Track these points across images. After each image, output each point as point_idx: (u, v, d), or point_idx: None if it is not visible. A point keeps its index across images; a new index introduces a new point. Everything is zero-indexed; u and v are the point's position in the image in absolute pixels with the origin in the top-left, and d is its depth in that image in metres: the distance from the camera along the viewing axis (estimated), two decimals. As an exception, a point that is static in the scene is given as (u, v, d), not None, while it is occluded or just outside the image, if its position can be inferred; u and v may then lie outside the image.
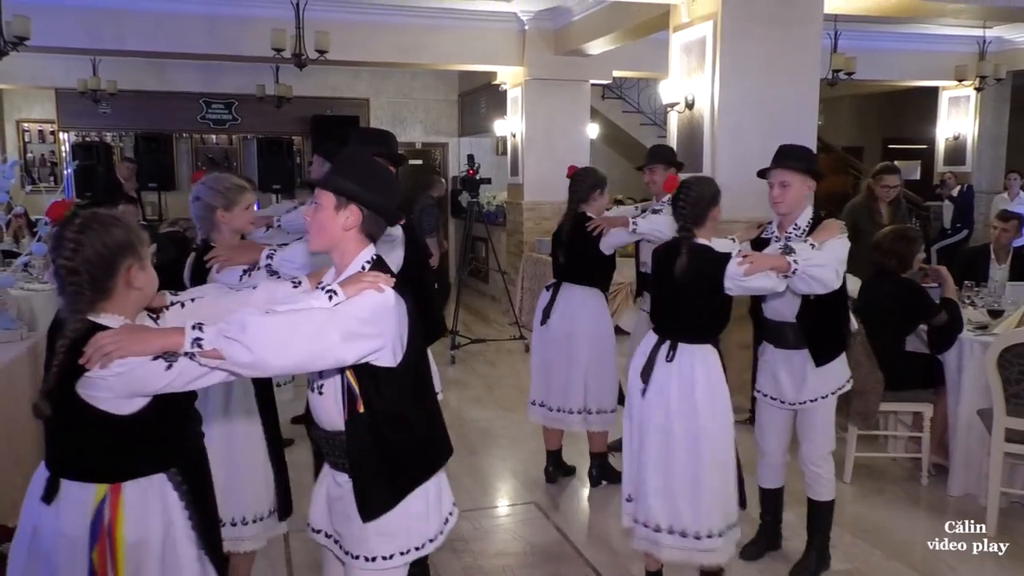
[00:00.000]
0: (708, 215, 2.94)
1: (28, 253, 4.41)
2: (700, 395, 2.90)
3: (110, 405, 1.77)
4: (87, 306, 1.81)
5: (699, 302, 2.92)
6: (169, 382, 1.75)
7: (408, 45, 8.52)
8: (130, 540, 1.83)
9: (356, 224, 1.94)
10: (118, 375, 1.71)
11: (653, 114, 11.52)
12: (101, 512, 1.82)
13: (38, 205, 9.22)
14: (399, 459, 2.00)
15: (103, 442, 1.82)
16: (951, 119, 10.93)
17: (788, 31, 5.55)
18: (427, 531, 2.06)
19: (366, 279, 1.89)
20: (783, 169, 3.19)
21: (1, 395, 3.54)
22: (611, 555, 3.64)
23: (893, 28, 9.31)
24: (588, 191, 4.17)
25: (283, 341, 1.73)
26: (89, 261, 1.79)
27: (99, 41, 7.85)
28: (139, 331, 1.77)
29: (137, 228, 1.90)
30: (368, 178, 1.95)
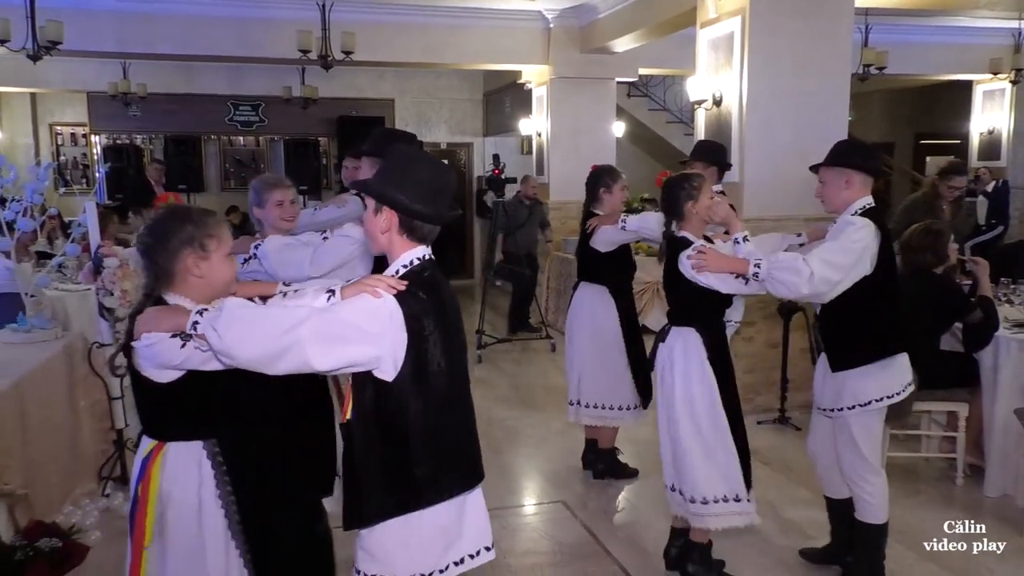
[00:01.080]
0: (685, 209, 3.09)
1: (62, 254, 4.49)
2: (677, 375, 3.13)
3: (150, 373, 1.99)
4: (153, 283, 2.07)
5: (675, 287, 3.15)
6: (184, 359, 1.93)
7: (433, 45, 8.55)
8: (162, 490, 2.04)
9: (392, 226, 1.93)
10: (147, 346, 1.94)
11: (679, 112, 11.44)
12: (147, 458, 2.08)
13: (71, 207, 9.41)
14: (381, 477, 1.88)
15: (149, 404, 2.08)
16: (985, 113, 10.72)
17: (818, 25, 5.48)
18: (418, 564, 1.92)
19: (368, 282, 1.87)
20: (822, 166, 3.17)
21: (37, 393, 3.60)
22: (641, 554, 3.62)
23: (926, 21, 9.16)
24: (594, 190, 4.25)
25: (249, 333, 1.79)
26: (154, 248, 2.06)
27: (129, 45, 7.97)
28: (168, 311, 1.98)
29: (209, 225, 2.08)
30: (402, 180, 1.93)
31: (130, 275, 4.01)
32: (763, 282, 2.96)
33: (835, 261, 2.91)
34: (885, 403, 3.09)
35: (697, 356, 3.10)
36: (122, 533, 3.61)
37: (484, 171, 11.55)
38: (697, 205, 3.08)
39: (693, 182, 3.11)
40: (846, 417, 3.12)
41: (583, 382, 4.34)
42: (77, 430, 4.05)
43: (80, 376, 4.13)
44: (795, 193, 5.45)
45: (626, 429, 4.59)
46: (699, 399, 3.10)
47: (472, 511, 2.00)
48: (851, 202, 3.08)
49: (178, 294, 2.05)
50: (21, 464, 3.35)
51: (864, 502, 3.17)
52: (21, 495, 3.32)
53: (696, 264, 2.97)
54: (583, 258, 4.36)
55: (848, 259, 2.92)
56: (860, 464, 3.14)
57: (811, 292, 2.92)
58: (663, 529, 3.68)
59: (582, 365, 4.34)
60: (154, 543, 2.04)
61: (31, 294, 4.15)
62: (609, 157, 8.57)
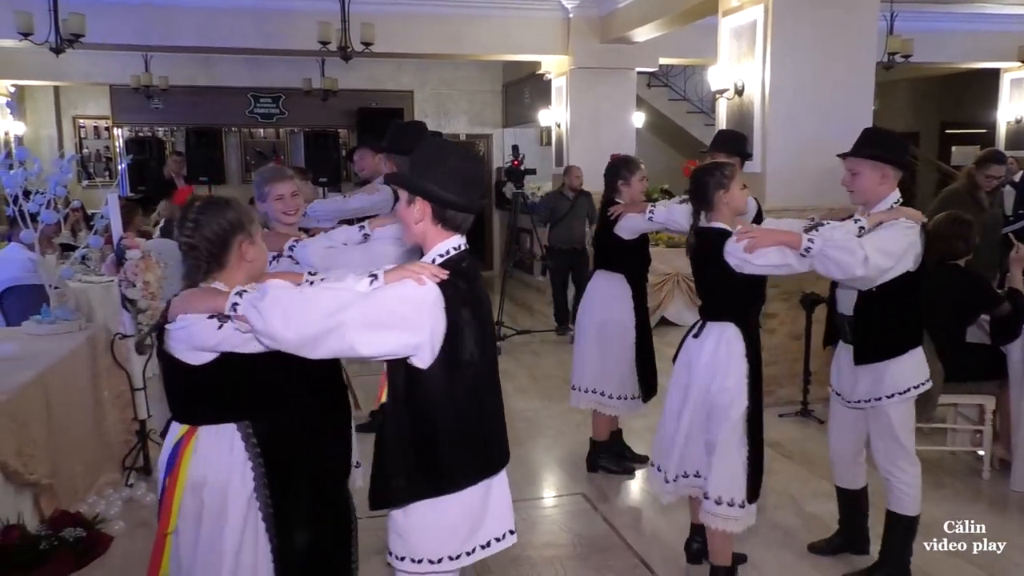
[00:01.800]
0: (716, 199, 2.97)
1: (85, 246, 4.52)
2: (711, 369, 3.00)
3: (183, 355, 2.00)
4: (202, 276, 2.07)
5: (713, 282, 3.03)
6: (220, 340, 1.94)
7: (452, 36, 8.52)
8: (194, 476, 2.04)
9: (425, 216, 1.93)
10: (182, 328, 1.96)
11: (700, 102, 11.34)
12: (178, 444, 2.06)
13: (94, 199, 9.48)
14: (412, 460, 1.91)
15: (182, 387, 2.08)
16: (1013, 102, 10.53)
17: (842, 13, 5.40)
18: (446, 546, 1.94)
19: (412, 268, 1.87)
20: (853, 156, 3.07)
21: (61, 384, 3.64)
22: (661, 547, 3.60)
23: (952, 8, 9.00)
24: (612, 181, 4.21)
25: (293, 315, 1.78)
26: (207, 238, 2.06)
27: (151, 37, 8.03)
28: (204, 293, 1.98)
29: (247, 209, 2.14)
30: (434, 170, 1.93)
31: (152, 267, 4.04)
32: (814, 259, 2.82)
33: (888, 249, 2.86)
34: (921, 390, 3.09)
35: (736, 352, 2.98)
36: (145, 523, 3.68)
37: (503, 162, 11.53)
38: (728, 195, 2.97)
39: (724, 171, 3.00)
40: (885, 406, 3.07)
41: (586, 367, 4.31)
42: (100, 420, 4.09)
43: (103, 367, 4.17)
44: (818, 183, 5.38)
45: (645, 420, 4.57)
46: (731, 398, 2.96)
47: (497, 494, 2.04)
48: (884, 197, 3.02)
49: (221, 282, 2.06)
50: (46, 454, 3.39)
51: (900, 492, 3.12)
52: (46, 485, 3.36)
53: (750, 244, 2.81)
54: (602, 246, 4.32)
55: (899, 249, 2.89)
56: (899, 453, 3.10)
57: (864, 275, 2.84)
58: (684, 523, 3.65)
59: (587, 351, 4.31)
60: (179, 529, 2.05)
61: (55, 286, 4.19)
62: (629, 148, 8.50)
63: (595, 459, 4.47)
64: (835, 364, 3.30)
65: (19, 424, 3.18)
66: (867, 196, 3.05)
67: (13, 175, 3.96)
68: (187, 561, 2.06)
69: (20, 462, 3.17)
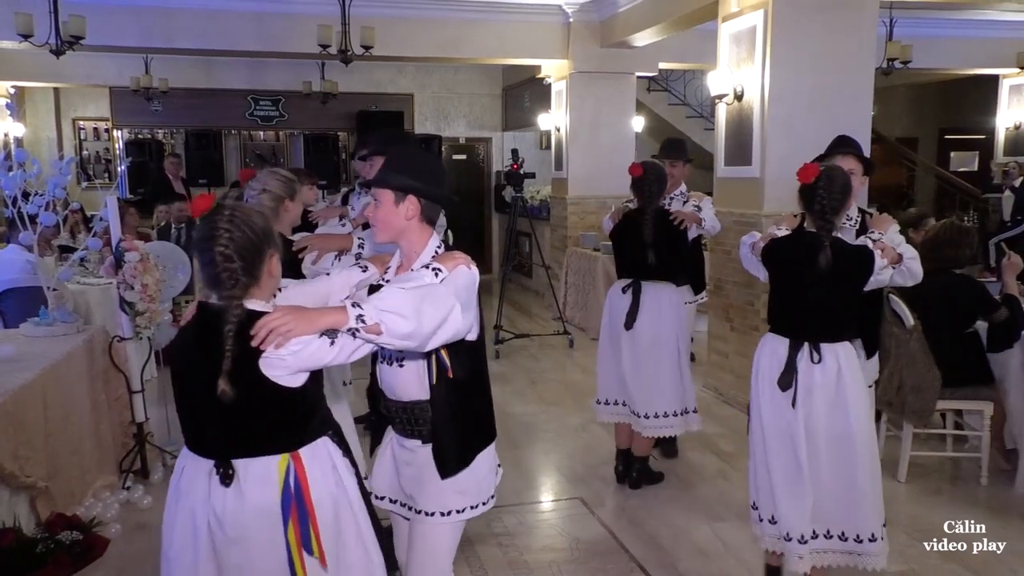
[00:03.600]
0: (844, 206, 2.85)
1: (84, 248, 4.52)
2: (850, 395, 2.79)
3: (285, 380, 1.85)
4: (241, 292, 1.87)
5: (840, 298, 2.81)
6: (334, 356, 1.85)
7: (452, 40, 8.53)
8: (320, 495, 1.94)
9: (416, 213, 2.12)
10: (294, 353, 1.80)
11: (699, 106, 11.36)
12: (288, 482, 1.90)
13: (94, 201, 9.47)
14: (473, 422, 2.24)
15: (283, 414, 1.91)
16: (1012, 108, 10.56)
17: (842, 19, 5.40)
18: (490, 488, 2.32)
19: (458, 258, 2.09)
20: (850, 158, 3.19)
21: (59, 386, 3.63)
22: (658, 552, 3.60)
23: (951, 14, 9.02)
24: (661, 188, 4.10)
25: (425, 311, 1.84)
26: (243, 248, 1.86)
27: (151, 40, 8.03)
28: (305, 312, 1.82)
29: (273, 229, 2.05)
30: (419, 169, 2.13)
31: (150, 269, 4.04)
32: (899, 270, 2.90)
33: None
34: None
35: (863, 377, 2.89)
36: (142, 526, 3.68)
37: (503, 166, 11.54)
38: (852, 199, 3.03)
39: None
40: None
41: (665, 391, 4.07)
42: (98, 423, 4.08)
43: (101, 369, 4.16)
44: (817, 189, 5.39)
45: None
46: (864, 427, 2.80)
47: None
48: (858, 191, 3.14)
49: (259, 299, 1.91)
50: (43, 456, 3.38)
51: None
52: (43, 488, 3.35)
53: (888, 257, 2.80)
54: (664, 257, 4.06)
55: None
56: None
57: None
58: (680, 526, 3.67)
59: (667, 373, 4.08)
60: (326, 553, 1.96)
61: (53, 288, 4.19)
62: (629, 152, 8.51)
63: (639, 476, 4.28)
64: None
65: (16, 426, 3.17)
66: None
67: (12, 177, 3.96)
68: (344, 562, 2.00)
69: (17, 465, 3.16)
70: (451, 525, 2.26)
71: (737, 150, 5.73)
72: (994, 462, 4.35)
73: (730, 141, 5.85)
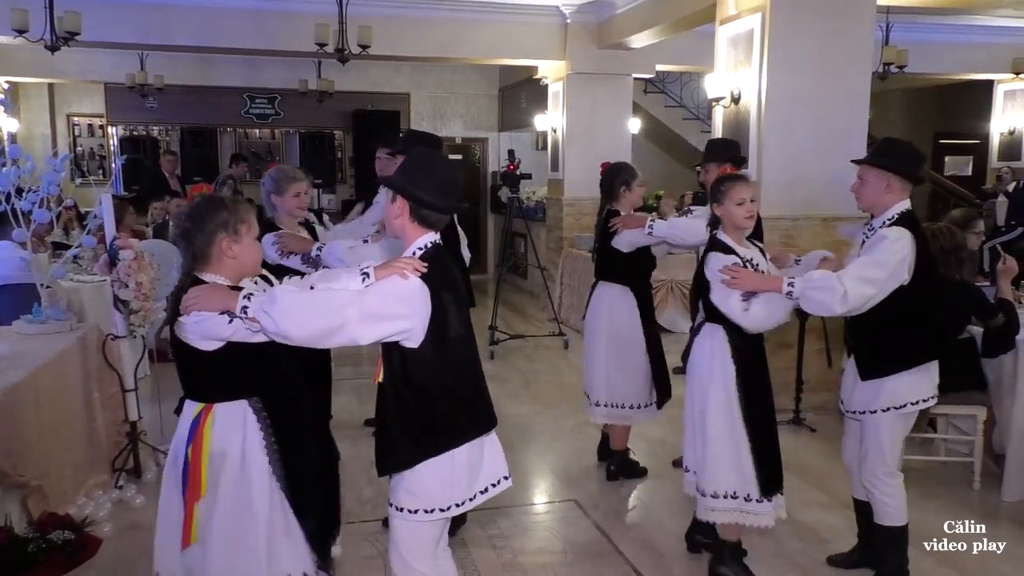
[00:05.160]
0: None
1: (78, 245, 4.50)
2: (704, 368, 3.14)
3: (195, 343, 2.22)
4: (190, 264, 2.30)
5: (704, 287, 3.11)
6: (231, 333, 2.18)
7: (450, 39, 8.53)
8: (214, 448, 2.26)
9: (404, 213, 2.25)
10: (195, 322, 2.18)
11: (696, 108, 11.37)
12: (196, 420, 2.29)
13: (88, 198, 9.46)
14: (416, 426, 2.24)
15: (197, 371, 2.30)
16: (1007, 113, 10.61)
17: (839, 23, 5.42)
18: (453, 496, 2.28)
19: (397, 265, 2.17)
20: (864, 164, 3.12)
21: (52, 384, 3.61)
22: (652, 554, 3.59)
23: (947, 20, 9.05)
24: (613, 187, 4.20)
25: (303, 317, 2.09)
26: (189, 232, 2.27)
27: (147, 36, 8.00)
28: (215, 291, 2.19)
29: (242, 211, 2.31)
30: (414, 173, 2.27)
31: (145, 267, 4.02)
32: (797, 300, 2.95)
33: (870, 276, 2.88)
34: (920, 407, 3.08)
35: (721, 352, 3.09)
36: (135, 525, 3.66)
37: (499, 166, 11.53)
38: (722, 208, 3.08)
39: (721, 186, 3.10)
40: (878, 420, 3.08)
41: (597, 381, 4.31)
42: (91, 421, 4.06)
43: (94, 368, 4.14)
44: (813, 191, 5.41)
45: (639, 428, 4.57)
46: (720, 394, 3.09)
47: (490, 449, 2.39)
48: (888, 207, 3.03)
49: (213, 273, 2.28)
50: (35, 455, 3.36)
51: (883, 504, 3.13)
52: (35, 486, 3.33)
53: (727, 283, 2.95)
54: (603, 258, 4.30)
55: (884, 273, 2.90)
56: (880, 467, 3.11)
57: (844, 311, 2.92)
58: (676, 529, 3.66)
59: (598, 364, 4.30)
60: (204, 497, 2.26)
61: (47, 285, 4.16)
62: (625, 154, 8.52)
63: (617, 469, 4.43)
64: (845, 376, 3.30)
65: (8, 424, 3.15)
66: (870, 203, 3.09)
67: (6, 173, 3.93)
68: (215, 525, 2.25)
69: (9, 463, 3.15)
70: (404, 520, 2.29)
71: (734, 153, 5.73)
72: (987, 467, 4.36)
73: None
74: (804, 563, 3.50)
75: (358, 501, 4.02)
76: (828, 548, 3.57)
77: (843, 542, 3.52)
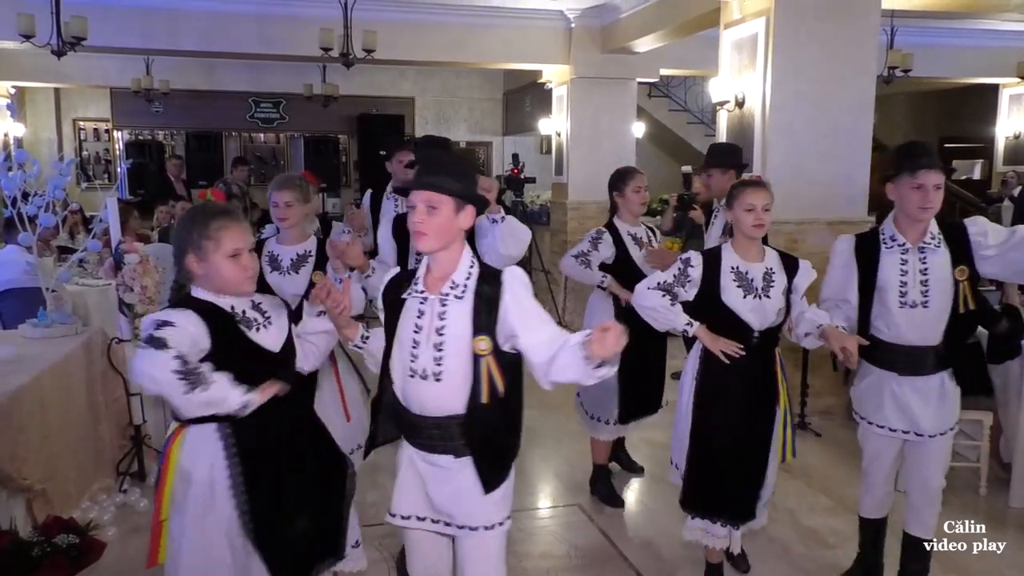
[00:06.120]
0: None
1: (83, 249, 4.51)
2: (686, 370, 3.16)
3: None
4: (179, 279, 2.27)
5: None
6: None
7: (454, 44, 8.54)
8: (181, 468, 2.18)
9: (472, 222, 2.12)
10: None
11: (700, 112, 11.38)
12: (169, 438, 2.24)
13: (93, 202, 9.49)
14: (512, 434, 2.23)
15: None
16: (1012, 117, 10.59)
17: (843, 27, 5.41)
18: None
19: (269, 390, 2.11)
20: (940, 172, 2.82)
21: (56, 388, 3.62)
22: (656, 560, 3.59)
23: (952, 23, 9.04)
24: (609, 192, 4.10)
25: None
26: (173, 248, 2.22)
27: (153, 41, 8.03)
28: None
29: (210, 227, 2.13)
30: (471, 176, 2.16)
31: (150, 271, 4.03)
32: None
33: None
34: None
35: (690, 366, 3.12)
36: (139, 529, 3.66)
37: (503, 170, 11.54)
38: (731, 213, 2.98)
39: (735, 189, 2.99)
40: (949, 436, 3.03)
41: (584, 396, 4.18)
42: (95, 425, 4.07)
43: (99, 371, 4.15)
44: (818, 196, 5.39)
45: (644, 432, 4.55)
46: (683, 396, 3.13)
47: None
48: None
49: (201, 288, 2.19)
50: (40, 459, 3.37)
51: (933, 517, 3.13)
52: (39, 490, 3.33)
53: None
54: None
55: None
56: (942, 479, 3.10)
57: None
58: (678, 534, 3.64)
59: None
60: (172, 516, 2.19)
61: (52, 289, 4.17)
62: (629, 158, 8.52)
63: (594, 482, 4.30)
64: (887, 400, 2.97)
65: (13, 428, 3.16)
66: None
67: (12, 177, 3.95)
68: (178, 546, 2.18)
69: (14, 467, 3.15)
70: (499, 535, 2.25)
71: (738, 157, 5.73)
72: (993, 472, 4.34)
73: (731, 148, 5.86)
74: (809, 568, 3.49)
75: (362, 505, 4.00)
76: (833, 553, 3.56)
77: (850, 547, 3.49)
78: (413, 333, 2.13)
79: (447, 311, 2.11)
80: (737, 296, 2.91)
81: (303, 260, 3.26)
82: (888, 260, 2.87)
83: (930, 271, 2.83)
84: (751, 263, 2.93)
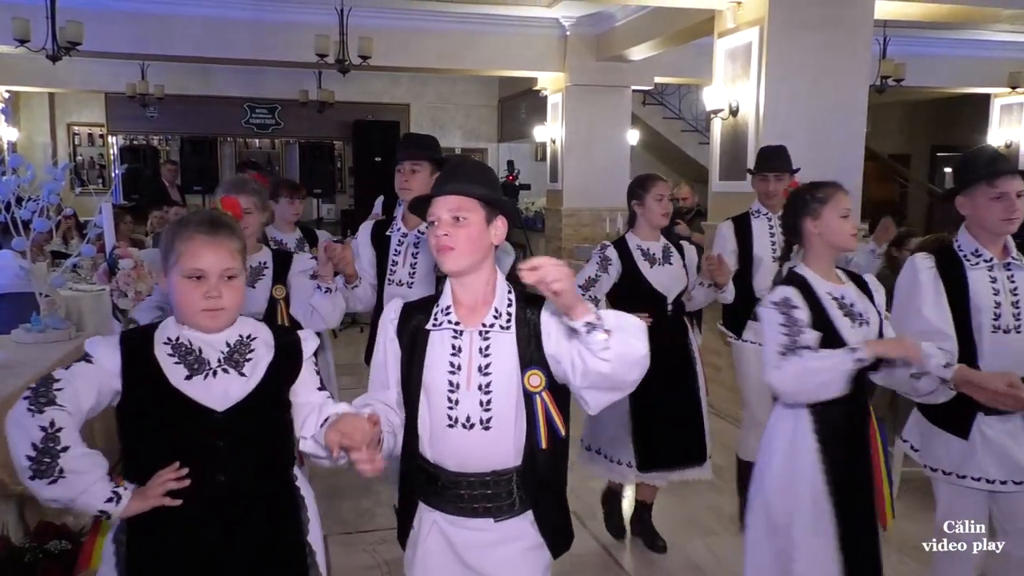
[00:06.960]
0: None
1: (77, 254, 4.50)
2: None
3: None
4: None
5: None
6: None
7: (450, 51, 8.56)
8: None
9: (503, 237, 1.82)
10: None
11: (694, 120, 11.42)
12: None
13: (87, 207, 9.46)
14: (565, 479, 1.96)
15: None
16: (1003, 127, 10.65)
17: (836, 37, 5.45)
18: None
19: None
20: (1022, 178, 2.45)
21: (49, 393, 3.60)
22: (651, 566, 3.59)
23: (944, 34, 9.11)
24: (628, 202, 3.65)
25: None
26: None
27: (147, 46, 8.03)
28: None
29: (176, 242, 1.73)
30: (498, 184, 1.89)
31: (144, 277, 4.02)
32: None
33: None
34: None
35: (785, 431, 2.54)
36: (131, 535, 3.63)
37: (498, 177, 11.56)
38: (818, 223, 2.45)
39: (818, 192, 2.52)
40: None
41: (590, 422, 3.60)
42: (87, 431, 4.04)
43: (93, 377, 4.13)
44: (811, 205, 5.41)
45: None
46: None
47: None
48: None
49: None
50: (32, 464, 3.34)
51: None
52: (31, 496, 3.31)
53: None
54: None
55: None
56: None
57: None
58: (675, 542, 3.65)
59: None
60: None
61: (45, 294, 4.16)
62: (623, 165, 8.55)
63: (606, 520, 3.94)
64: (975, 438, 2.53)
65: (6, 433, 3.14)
66: None
67: (6, 182, 3.94)
68: None
69: (6, 472, 3.13)
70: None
71: (732, 165, 5.76)
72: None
73: (725, 156, 5.88)
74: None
75: (356, 512, 4.01)
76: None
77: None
78: (449, 374, 1.77)
79: (491, 345, 1.78)
80: (845, 324, 2.33)
81: (258, 273, 2.92)
82: (976, 278, 2.46)
83: (1019, 291, 2.46)
84: (834, 284, 2.41)
